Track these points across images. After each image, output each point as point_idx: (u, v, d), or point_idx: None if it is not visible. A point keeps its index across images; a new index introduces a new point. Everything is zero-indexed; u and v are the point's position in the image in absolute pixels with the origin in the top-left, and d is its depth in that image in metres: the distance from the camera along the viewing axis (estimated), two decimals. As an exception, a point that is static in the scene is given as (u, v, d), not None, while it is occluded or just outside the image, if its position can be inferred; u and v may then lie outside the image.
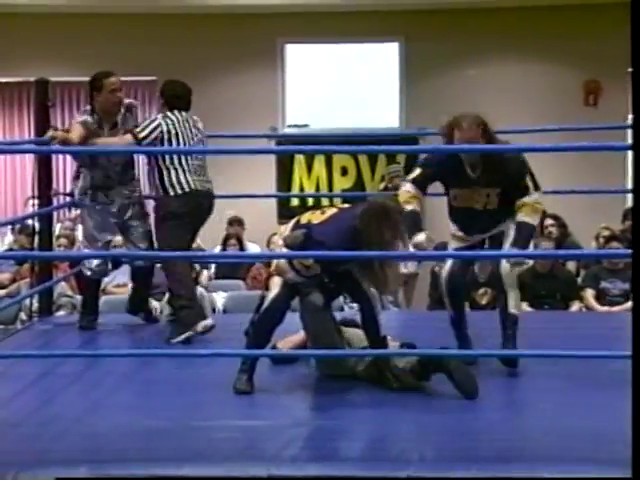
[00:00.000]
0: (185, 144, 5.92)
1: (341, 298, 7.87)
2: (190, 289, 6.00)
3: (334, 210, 4.67)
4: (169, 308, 6.42)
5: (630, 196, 11.90)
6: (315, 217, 4.64)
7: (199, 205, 5.98)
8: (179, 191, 5.89)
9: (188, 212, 5.91)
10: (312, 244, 4.52)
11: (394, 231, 4.46)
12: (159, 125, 5.91)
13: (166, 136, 5.89)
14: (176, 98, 6.06)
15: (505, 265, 4.83)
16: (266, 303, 4.69)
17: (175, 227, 5.89)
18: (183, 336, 5.75)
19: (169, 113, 5.99)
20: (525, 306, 8.62)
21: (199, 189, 5.93)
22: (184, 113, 6.02)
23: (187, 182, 5.89)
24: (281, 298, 4.63)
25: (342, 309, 7.86)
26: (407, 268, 9.70)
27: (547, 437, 3.88)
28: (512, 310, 4.81)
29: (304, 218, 4.68)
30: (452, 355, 4.64)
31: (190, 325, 5.79)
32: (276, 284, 4.66)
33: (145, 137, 5.86)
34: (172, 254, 5.73)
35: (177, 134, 5.91)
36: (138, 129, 5.91)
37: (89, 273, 6.31)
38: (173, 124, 5.93)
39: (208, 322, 5.84)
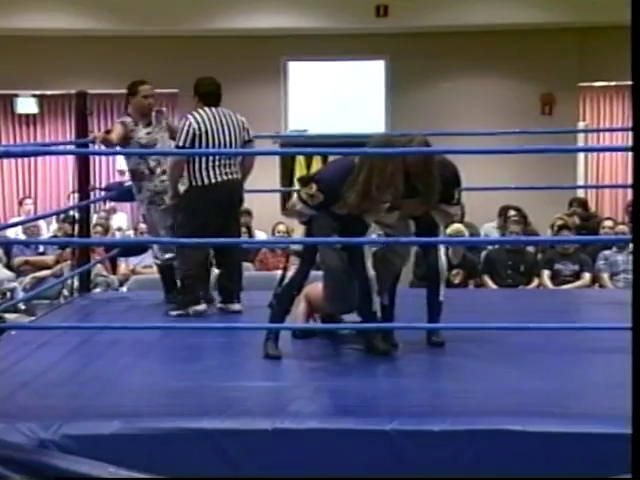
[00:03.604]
0: (214, 139, 5.63)
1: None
2: (195, 272, 5.77)
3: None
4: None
5: (580, 191, 11.93)
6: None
7: (219, 197, 5.65)
8: (200, 182, 5.64)
9: (209, 202, 5.62)
10: (316, 179, 4.49)
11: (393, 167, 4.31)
12: (190, 125, 5.63)
13: (197, 133, 5.60)
14: (206, 95, 5.77)
15: (442, 262, 4.83)
16: (287, 280, 4.64)
17: (195, 215, 5.64)
18: (176, 312, 5.68)
19: (200, 111, 5.69)
20: (490, 284, 8.67)
21: (219, 181, 5.64)
22: (214, 109, 5.72)
23: (208, 175, 5.62)
24: (299, 275, 4.59)
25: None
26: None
27: (511, 394, 3.88)
28: (441, 298, 4.81)
29: None
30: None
31: (184, 306, 5.70)
32: (295, 264, 4.61)
33: (184, 144, 5.62)
34: (193, 240, 5.60)
35: (206, 131, 5.61)
36: (177, 139, 5.68)
37: (159, 262, 6.19)
38: (203, 121, 5.63)
39: (200, 307, 5.70)
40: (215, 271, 6.29)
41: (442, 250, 4.85)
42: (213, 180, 5.66)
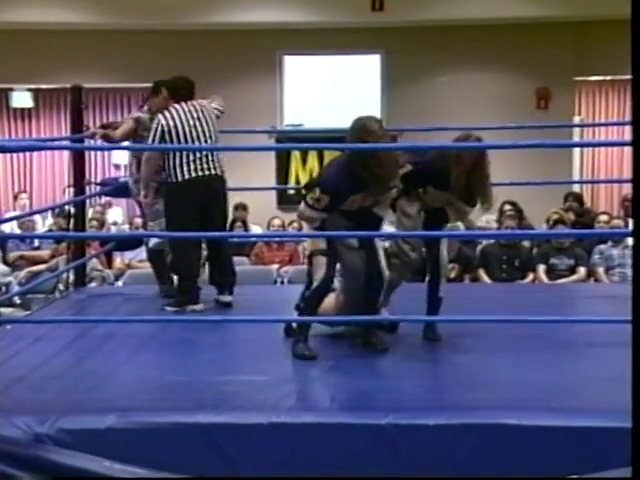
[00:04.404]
0: (185, 134, 5.60)
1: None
2: (192, 272, 5.76)
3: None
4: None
5: (575, 185, 11.94)
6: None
7: (195, 192, 5.61)
8: (174, 179, 5.61)
9: (186, 198, 5.60)
10: (319, 182, 4.45)
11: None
12: (158, 124, 5.63)
13: (166, 129, 5.58)
14: (174, 90, 5.77)
15: (444, 257, 4.82)
16: (317, 282, 4.49)
17: (175, 213, 5.65)
18: (173, 309, 5.65)
19: (170, 108, 5.68)
20: (485, 278, 8.66)
21: (193, 177, 5.60)
22: (184, 104, 5.69)
23: (182, 171, 5.58)
24: (329, 278, 4.48)
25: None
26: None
27: (507, 389, 3.88)
28: (441, 294, 4.79)
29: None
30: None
31: (181, 305, 5.67)
32: (322, 264, 4.48)
33: (153, 142, 5.65)
34: (186, 234, 5.60)
35: (176, 126, 5.59)
36: (149, 138, 5.70)
37: (149, 247, 6.19)
38: (172, 117, 5.62)
39: (197, 307, 5.67)
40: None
41: (445, 245, 4.84)
42: (187, 176, 5.61)
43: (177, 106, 5.70)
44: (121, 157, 12.59)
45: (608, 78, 12.58)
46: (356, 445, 3.43)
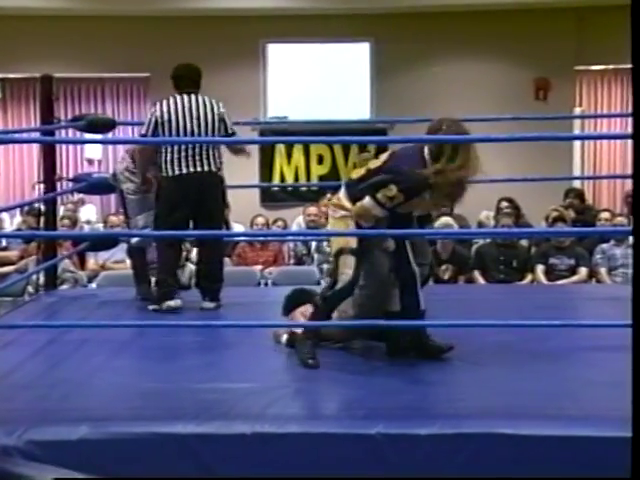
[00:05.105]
0: (179, 127, 5.65)
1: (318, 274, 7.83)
2: (169, 268, 5.81)
3: (385, 155, 4.49)
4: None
5: (576, 182, 11.97)
6: (365, 168, 4.48)
7: (185, 188, 5.68)
8: (165, 174, 5.69)
9: (175, 194, 5.68)
10: (396, 180, 4.29)
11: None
12: (153, 114, 5.71)
13: (159, 120, 5.66)
14: (177, 78, 5.84)
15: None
16: (342, 283, 4.45)
17: (163, 207, 5.74)
18: (152, 307, 5.73)
19: (170, 97, 5.73)
20: (480, 280, 8.68)
21: (184, 174, 5.66)
22: (185, 96, 5.73)
23: (172, 166, 5.65)
24: (355, 280, 4.43)
25: (319, 283, 7.86)
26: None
27: (502, 396, 3.89)
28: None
29: (354, 175, 4.54)
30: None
31: (158, 301, 5.73)
32: (350, 264, 4.42)
33: (147, 132, 5.71)
34: (163, 233, 5.63)
35: (170, 119, 5.64)
36: (142, 127, 5.79)
37: (130, 245, 6.23)
38: (168, 110, 5.67)
39: (172, 303, 5.72)
40: (190, 266, 6.29)
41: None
42: (177, 172, 5.68)
43: (177, 97, 5.75)
44: (94, 152, 12.58)
45: (611, 67, 12.61)
46: (344, 456, 3.44)
